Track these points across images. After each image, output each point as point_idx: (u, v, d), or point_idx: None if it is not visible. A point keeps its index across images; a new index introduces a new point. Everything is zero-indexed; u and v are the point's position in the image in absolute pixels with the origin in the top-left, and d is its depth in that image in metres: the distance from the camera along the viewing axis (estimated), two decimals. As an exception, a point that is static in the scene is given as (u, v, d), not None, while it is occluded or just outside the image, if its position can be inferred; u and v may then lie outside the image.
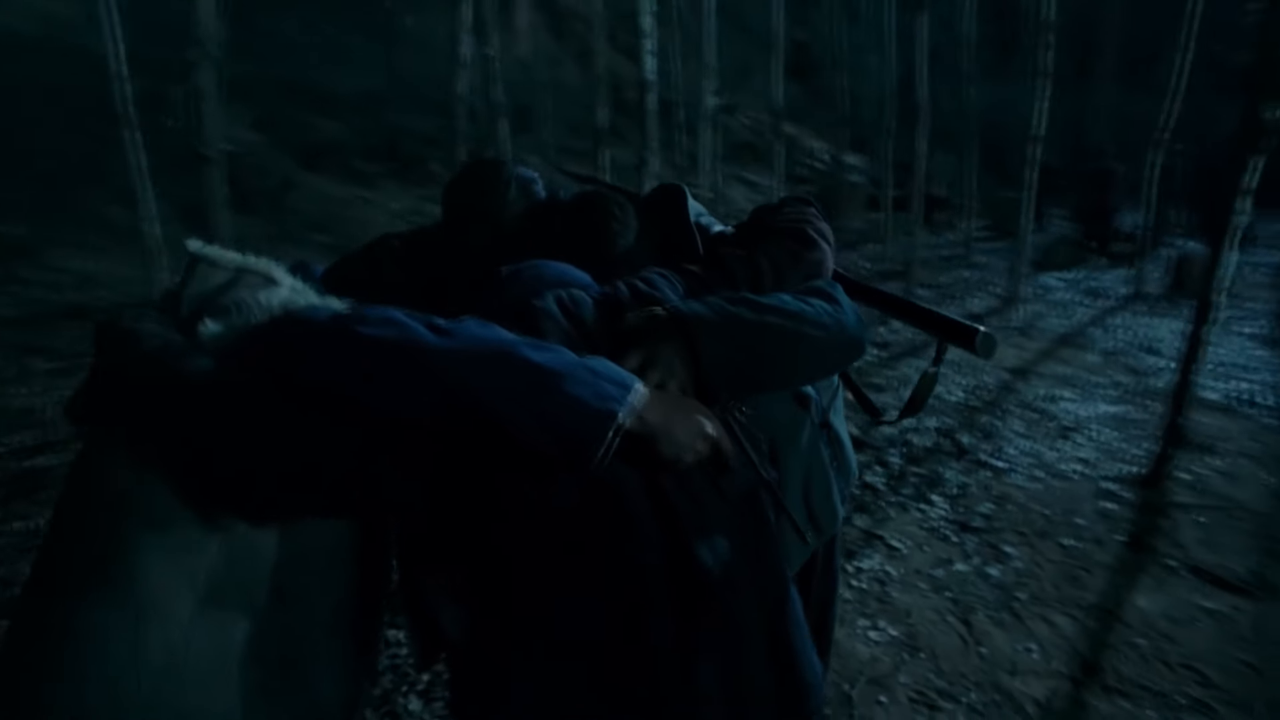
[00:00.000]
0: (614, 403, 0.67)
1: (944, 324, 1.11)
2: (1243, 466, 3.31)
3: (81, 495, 0.78)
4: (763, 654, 0.76)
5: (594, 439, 0.67)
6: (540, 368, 0.66)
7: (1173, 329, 6.07)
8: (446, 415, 0.66)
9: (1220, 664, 2.07)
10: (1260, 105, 2.51)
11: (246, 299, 0.79)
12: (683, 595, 0.73)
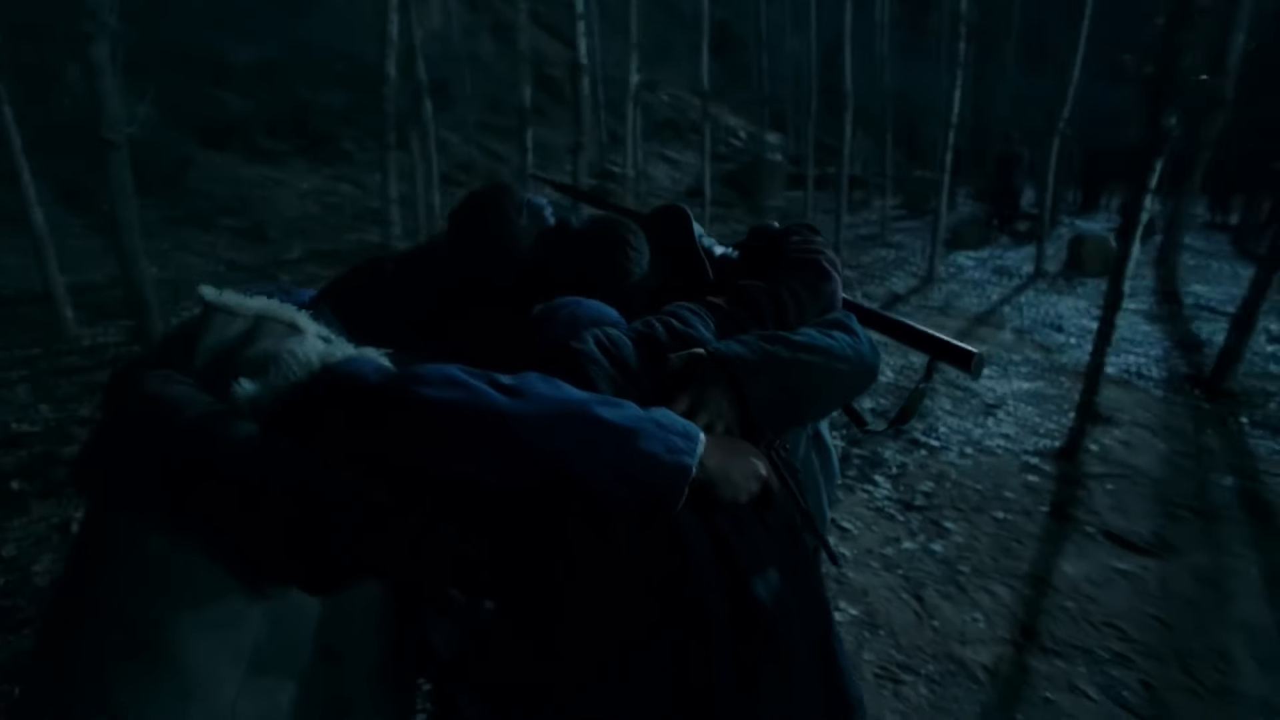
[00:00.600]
0: (686, 455, 0.70)
1: (942, 346, 1.19)
2: (1140, 436, 3.67)
3: (109, 568, 0.74)
4: (813, 678, 0.82)
5: (671, 492, 0.69)
6: (614, 426, 0.68)
7: (1073, 306, 6.59)
8: (524, 479, 0.66)
9: (1135, 620, 2.32)
10: (1161, 113, 2.75)
11: (281, 354, 0.76)
12: (741, 631, 0.77)
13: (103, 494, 0.78)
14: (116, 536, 0.74)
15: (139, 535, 0.73)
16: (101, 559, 0.75)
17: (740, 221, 11.53)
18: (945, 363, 1.22)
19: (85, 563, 0.76)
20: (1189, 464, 3.41)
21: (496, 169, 12.56)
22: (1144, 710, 1.97)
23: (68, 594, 0.78)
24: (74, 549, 0.81)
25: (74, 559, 0.79)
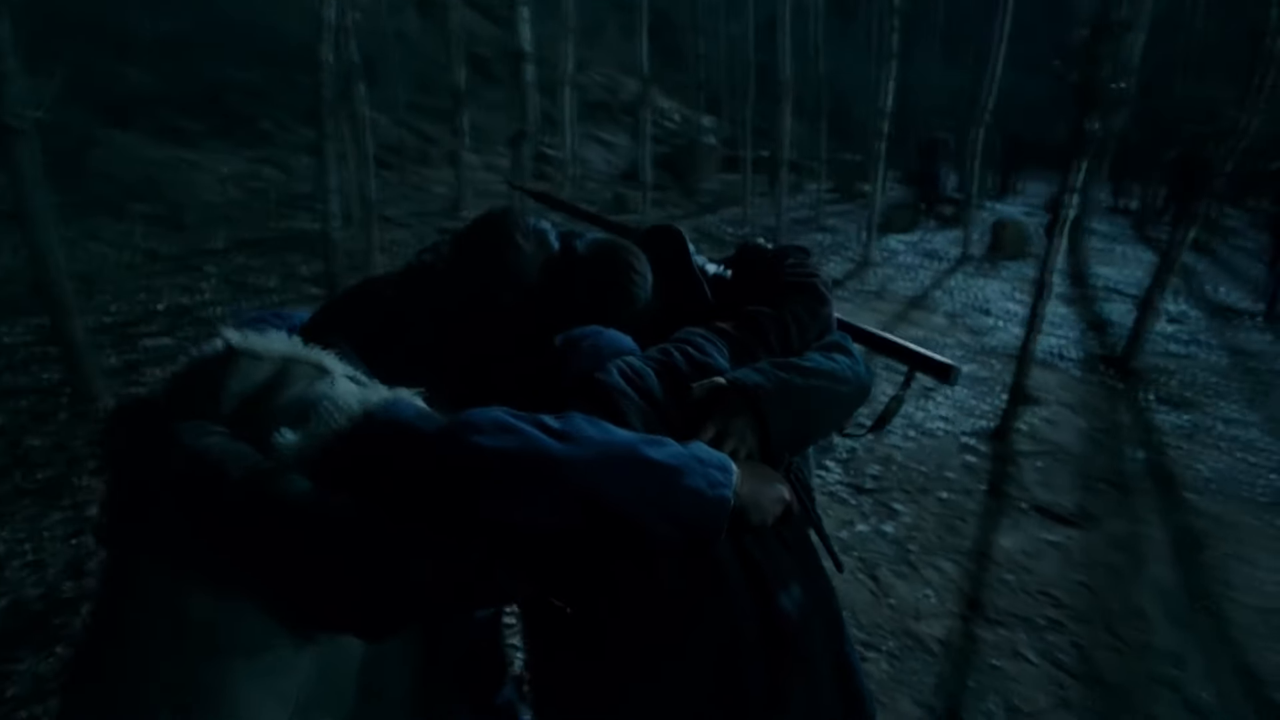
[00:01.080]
0: (725, 489, 0.75)
1: (923, 360, 1.28)
2: (1062, 415, 3.97)
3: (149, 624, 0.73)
4: (831, 678, 0.89)
5: (715, 525, 0.74)
6: (660, 465, 0.72)
7: (998, 289, 6.98)
8: (579, 522, 0.70)
9: (1065, 587, 2.54)
10: (1085, 117, 2.96)
11: (321, 402, 0.77)
12: (770, 644, 0.83)
13: (134, 549, 0.77)
14: (155, 594, 0.73)
15: (181, 592, 0.72)
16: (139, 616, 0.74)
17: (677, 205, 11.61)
18: (925, 374, 1.31)
19: (120, 620, 0.75)
20: (1105, 439, 3.72)
21: (428, 151, 12.21)
22: (1076, 669, 2.17)
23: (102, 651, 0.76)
24: (103, 605, 0.79)
25: (105, 615, 0.78)
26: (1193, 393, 4.41)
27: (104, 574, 0.82)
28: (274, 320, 1.11)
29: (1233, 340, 5.68)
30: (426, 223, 7.91)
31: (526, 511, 0.68)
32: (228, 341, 0.83)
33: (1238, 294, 7.42)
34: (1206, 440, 3.76)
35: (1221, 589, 2.59)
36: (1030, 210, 13.99)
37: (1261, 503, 3.16)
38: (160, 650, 0.73)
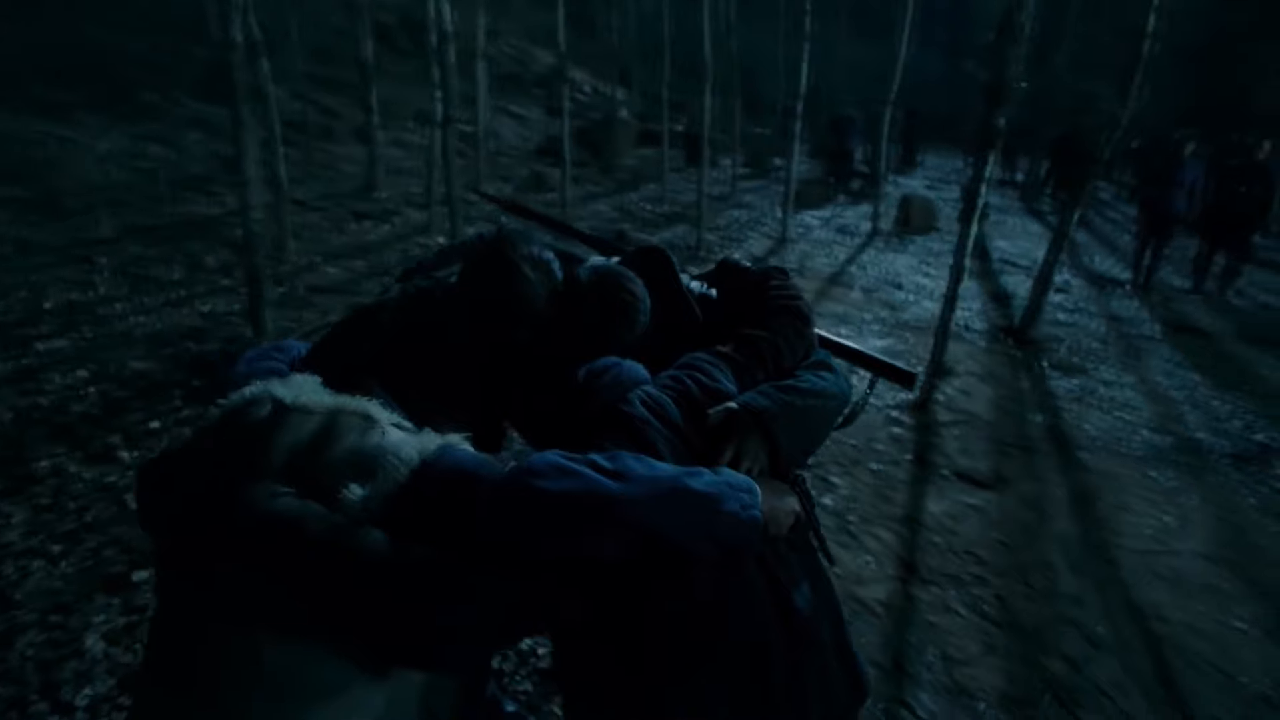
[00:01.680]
0: (754, 509, 0.84)
1: (889, 369, 1.42)
2: (974, 385, 4.33)
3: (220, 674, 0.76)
4: (836, 661, 1.02)
5: (749, 543, 0.84)
6: (702, 495, 0.81)
7: (907, 264, 7.42)
8: (636, 553, 0.77)
9: (986, 545, 2.84)
10: (993, 114, 3.21)
11: (384, 456, 0.80)
12: (788, 637, 0.95)
13: (201, 605, 0.78)
14: (228, 646, 0.76)
15: (256, 644, 0.75)
16: (211, 668, 0.76)
17: (595, 183, 11.50)
18: (889, 380, 1.45)
19: (188, 672, 0.77)
20: (1011, 405, 4.10)
21: (332, 127, 11.56)
22: (999, 618, 2.45)
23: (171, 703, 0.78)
24: (167, 657, 0.80)
25: (170, 668, 0.79)
26: (1079, 359, 4.90)
27: (163, 628, 0.83)
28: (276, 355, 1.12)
29: (1109, 308, 6.32)
30: (340, 205, 7.55)
31: (591, 547, 0.76)
32: (278, 398, 0.85)
33: (1110, 263, 8.21)
34: (1092, 402, 4.22)
35: (1110, 536, 2.96)
36: (931, 184, 14.83)
37: (1137, 457, 3.60)
38: (236, 699, 0.76)
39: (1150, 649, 2.38)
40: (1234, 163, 6.45)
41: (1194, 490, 3.32)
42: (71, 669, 2.03)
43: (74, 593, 2.31)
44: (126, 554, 2.50)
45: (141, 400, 3.49)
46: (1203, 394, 4.45)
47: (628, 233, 1.91)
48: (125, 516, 2.68)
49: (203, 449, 0.87)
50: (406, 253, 6.27)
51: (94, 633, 2.16)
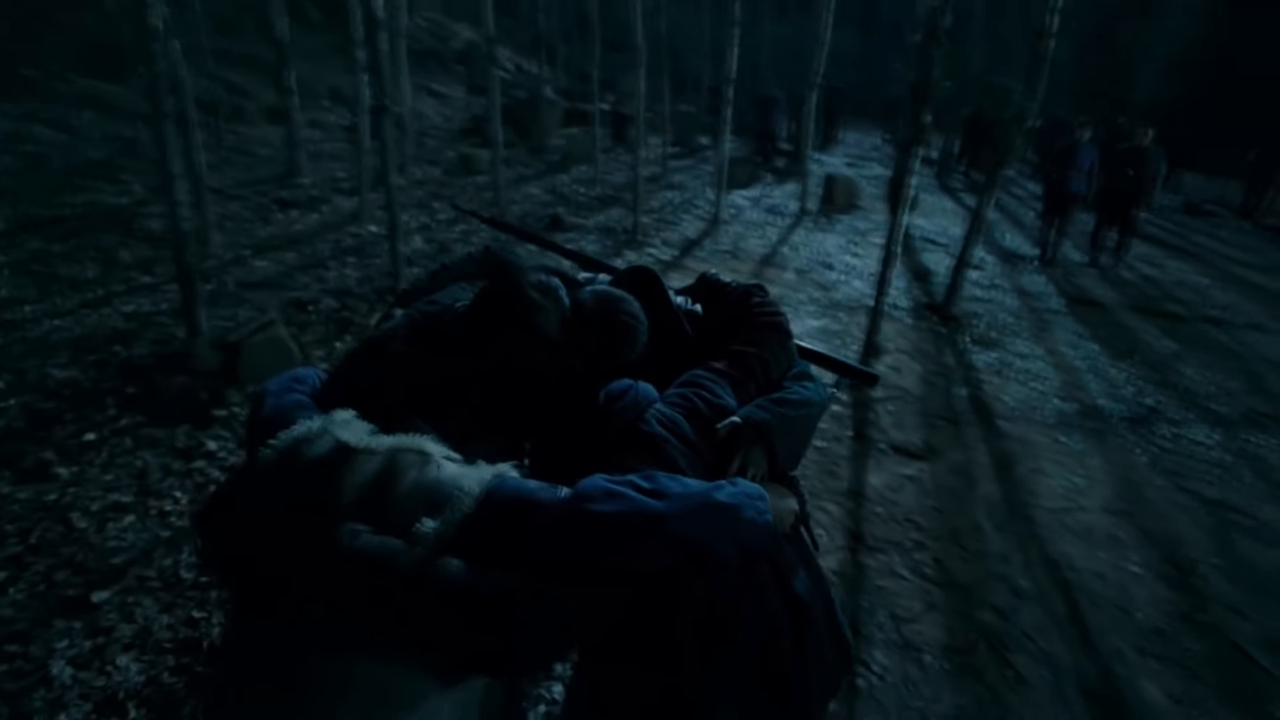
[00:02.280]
0: (767, 514, 0.96)
1: (855, 371, 1.57)
2: (903, 361, 4.63)
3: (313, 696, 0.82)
4: (827, 635, 1.16)
5: (765, 544, 0.97)
6: (727, 506, 0.92)
7: (836, 244, 7.73)
8: (680, 561, 0.88)
9: (922, 512, 3.10)
10: (920, 112, 3.43)
11: (448, 489, 0.87)
12: (792, 618, 1.08)
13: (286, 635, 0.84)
14: (317, 670, 0.82)
15: (345, 666, 0.82)
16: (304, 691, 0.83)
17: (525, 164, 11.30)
18: (856, 380, 1.60)
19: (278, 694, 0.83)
20: (938, 380, 4.42)
21: (243, 107, 10.90)
22: (938, 578, 2.71)
23: None
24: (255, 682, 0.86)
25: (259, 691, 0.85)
26: (996, 333, 5.31)
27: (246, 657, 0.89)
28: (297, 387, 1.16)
29: (1019, 283, 6.83)
30: (261, 192, 7.21)
31: (643, 560, 0.86)
32: (342, 440, 0.90)
33: (1019, 240, 8.81)
34: (1008, 374, 4.60)
35: (1028, 498, 3.29)
36: (852, 161, 15.36)
37: (1049, 424, 3.98)
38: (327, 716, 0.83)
39: (1064, 595, 2.69)
40: (1123, 147, 7.04)
41: (1097, 452, 3.71)
42: (41, 698, 1.98)
43: (29, 619, 2.24)
44: (80, 575, 2.42)
45: (72, 411, 3.32)
46: (1101, 363, 4.92)
47: None
48: (74, 536, 2.58)
49: (267, 491, 0.91)
50: (339, 243, 6.09)
51: (59, 659, 2.10)
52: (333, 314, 4.63)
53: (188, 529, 2.67)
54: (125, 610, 2.30)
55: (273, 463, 0.92)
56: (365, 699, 0.82)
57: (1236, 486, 3.52)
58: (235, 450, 3.17)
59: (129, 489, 2.86)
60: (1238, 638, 2.55)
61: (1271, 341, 5.76)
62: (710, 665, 1.03)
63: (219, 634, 2.18)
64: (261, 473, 0.92)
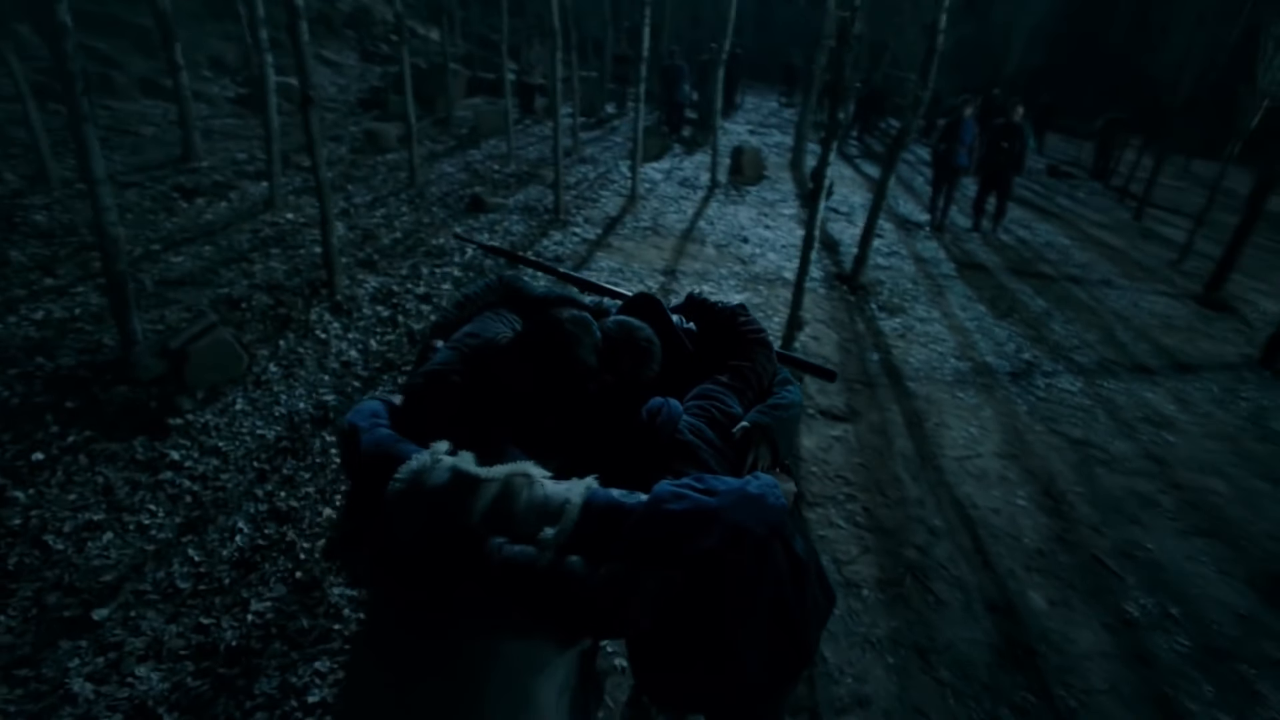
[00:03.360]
0: (782, 499, 1.27)
1: (816, 369, 1.89)
2: (821, 330, 5.11)
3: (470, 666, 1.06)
4: (816, 582, 1.49)
5: (783, 523, 1.27)
6: (758, 496, 1.21)
7: (748, 216, 8.14)
8: (727, 542, 1.17)
9: (850, 469, 3.56)
10: (835, 109, 3.79)
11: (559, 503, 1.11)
12: (793, 573, 1.40)
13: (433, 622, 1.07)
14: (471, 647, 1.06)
15: (493, 643, 1.07)
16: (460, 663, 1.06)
17: (435, 140, 10.99)
18: (815, 377, 1.93)
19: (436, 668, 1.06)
20: (852, 346, 4.92)
21: (112, 79, 9.99)
22: (868, 525, 3.17)
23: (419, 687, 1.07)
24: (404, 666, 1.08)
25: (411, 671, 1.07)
26: (899, 299, 5.90)
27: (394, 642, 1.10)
28: (379, 421, 1.35)
29: (915, 249, 7.50)
30: (157, 179, 6.77)
31: (707, 543, 1.14)
32: (471, 473, 1.11)
33: (910, 205, 9.56)
34: (912, 338, 5.17)
35: (935, 449, 3.82)
36: (754, 128, 15.85)
37: (949, 382, 4.56)
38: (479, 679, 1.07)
39: (969, 530, 3.22)
40: (998, 123, 7.79)
41: (988, 405, 4.31)
42: (69, 714, 2.07)
43: (31, 643, 2.28)
44: (72, 595, 2.46)
45: (7, 431, 3.21)
46: (988, 323, 5.60)
47: None
48: (54, 558, 2.59)
49: (402, 515, 1.12)
50: (257, 233, 5.88)
51: (76, 676, 2.18)
52: (268, 310, 4.56)
53: (173, 541, 2.73)
54: (130, 624, 2.37)
55: (401, 493, 1.13)
56: (508, 663, 1.07)
57: (1094, 426, 4.22)
58: (201, 459, 3.19)
59: (98, 507, 2.86)
60: (1097, 551, 3.16)
61: (1120, 296, 6.70)
62: (740, 614, 1.34)
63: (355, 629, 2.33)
64: (393, 501, 1.13)
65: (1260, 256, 9.04)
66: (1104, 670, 2.54)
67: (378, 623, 1.17)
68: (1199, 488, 3.72)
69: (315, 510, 2.94)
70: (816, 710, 2.25)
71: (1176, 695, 2.45)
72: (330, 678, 2.24)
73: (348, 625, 2.43)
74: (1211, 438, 4.25)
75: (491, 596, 1.06)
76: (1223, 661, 2.62)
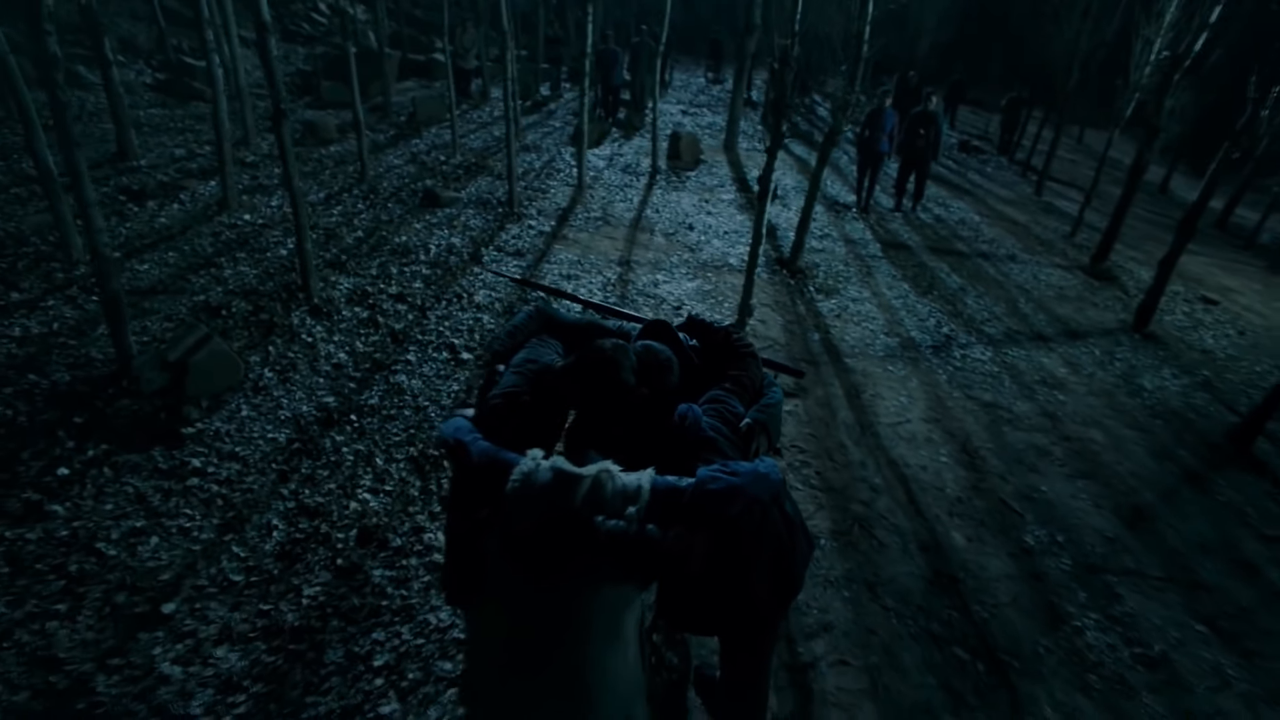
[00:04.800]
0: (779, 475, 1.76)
1: (788, 369, 2.39)
2: (767, 314, 5.66)
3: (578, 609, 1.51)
4: (801, 533, 2.00)
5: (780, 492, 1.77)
6: (766, 474, 1.69)
7: (691, 203, 8.59)
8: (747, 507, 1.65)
9: (803, 439, 4.14)
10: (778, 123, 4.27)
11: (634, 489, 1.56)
12: (785, 527, 1.91)
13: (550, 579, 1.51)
14: (575, 597, 1.51)
15: (595, 590, 1.52)
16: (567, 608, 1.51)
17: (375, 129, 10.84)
18: (786, 374, 2.43)
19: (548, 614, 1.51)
20: (795, 328, 5.50)
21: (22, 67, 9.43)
22: (821, 486, 3.75)
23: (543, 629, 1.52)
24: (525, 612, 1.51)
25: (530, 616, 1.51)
26: (833, 281, 6.52)
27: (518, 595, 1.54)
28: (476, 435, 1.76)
29: (844, 231, 8.16)
30: (98, 181, 6.64)
31: (734, 510, 1.62)
32: (571, 472, 1.54)
33: (838, 186, 10.25)
34: (847, 318, 5.80)
35: (872, 417, 4.45)
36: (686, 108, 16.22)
37: (880, 357, 5.21)
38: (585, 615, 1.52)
39: (903, 485, 3.85)
40: (916, 111, 8.49)
41: (914, 376, 4.98)
42: (166, 692, 2.40)
43: (113, 637, 2.57)
44: (138, 594, 2.75)
45: (26, 448, 3.38)
46: (911, 300, 6.30)
47: None
48: (111, 563, 2.86)
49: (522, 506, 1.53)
50: (218, 236, 5.94)
51: (163, 660, 2.50)
52: (249, 317, 4.75)
53: (216, 541, 3.03)
54: (198, 615, 2.69)
55: (518, 491, 1.55)
56: (607, 603, 1.53)
57: (1001, 390, 4.96)
58: (221, 464, 3.45)
59: (137, 514, 3.11)
60: (1003, 495, 3.85)
61: (1022, 270, 7.56)
62: (752, 558, 1.84)
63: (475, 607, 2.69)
64: (512, 498, 1.55)
65: (1140, 227, 10.20)
66: (1008, 589, 3.21)
67: (502, 587, 1.59)
68: (1082, 438, 4.49)
69: (342, 504, 3.28)
70: (792, 636, 2.80)
71: (1060, 603, 3.15)
72: (389, 644, 2.64)
73: (393, 601, 2.82)
74: (1093, 395, 5.06)
75: (595, 558, 1.51)
76: (1095, 574, 3.34)
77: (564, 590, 1.53)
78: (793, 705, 2.53)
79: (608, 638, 1.54)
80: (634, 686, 1.62)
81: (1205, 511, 3.91)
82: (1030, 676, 2.77)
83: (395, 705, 2.42)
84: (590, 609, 1.52)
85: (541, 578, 1.53)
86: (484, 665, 1.62)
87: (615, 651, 1.55)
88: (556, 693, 1.52)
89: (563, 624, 1.52)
